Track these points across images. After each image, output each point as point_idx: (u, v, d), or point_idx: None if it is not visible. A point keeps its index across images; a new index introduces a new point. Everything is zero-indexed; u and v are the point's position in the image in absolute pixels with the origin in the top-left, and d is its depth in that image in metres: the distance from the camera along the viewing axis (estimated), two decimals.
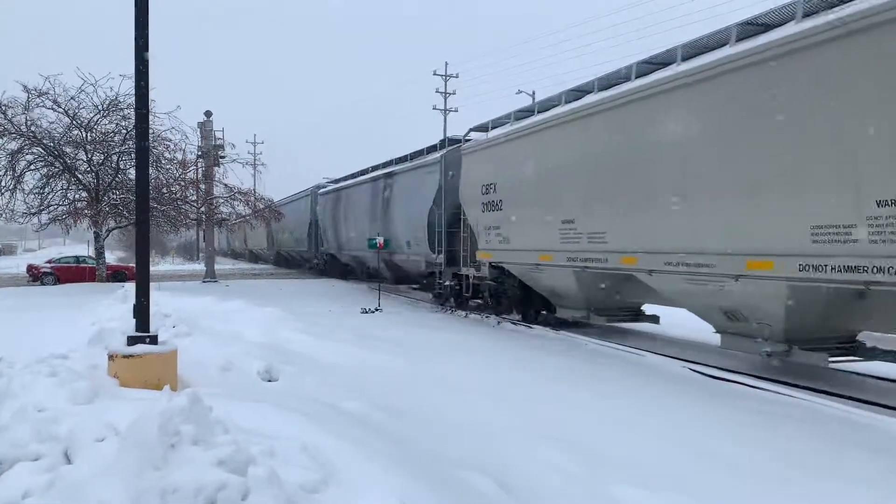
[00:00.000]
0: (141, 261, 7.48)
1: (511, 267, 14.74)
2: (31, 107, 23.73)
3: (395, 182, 21.84)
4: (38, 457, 4.39)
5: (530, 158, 13.46)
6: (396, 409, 7.11)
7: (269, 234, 46.43)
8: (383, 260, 22.75)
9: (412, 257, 20.53)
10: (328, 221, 30.23)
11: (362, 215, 24.87)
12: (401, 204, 21.00)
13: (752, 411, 7.36)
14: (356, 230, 25.71)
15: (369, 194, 24.23)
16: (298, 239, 37.11)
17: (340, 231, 28.28)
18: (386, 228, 22.02)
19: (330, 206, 29.82)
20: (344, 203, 27.67)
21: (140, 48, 7.19)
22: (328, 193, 30.53)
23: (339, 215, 28.29)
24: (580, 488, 5.11)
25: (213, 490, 3.38)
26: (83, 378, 6.16)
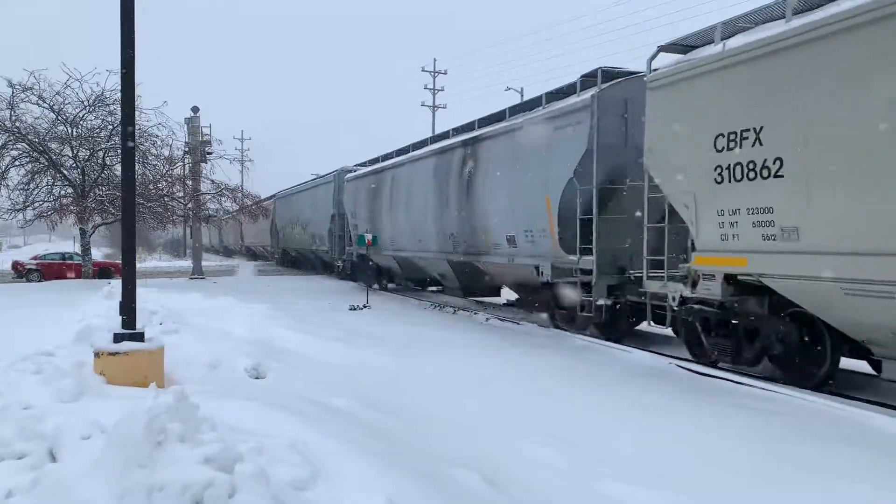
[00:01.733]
0: (127, 257, 7.43)
1: (791, 287, 7.97)
2: (16, 102, 23.51)
3: (487, 150, 14.87)
4: (23, 455, 4.36)
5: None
6: (385, 406, 7.10)
7: (273, 230, 41.15)
8: (458, 262, 16.98)
9: (518, 260, 13.81)
10: (361, 213, 23.70)
11: (421, 202, 18.34)
12: (500, 181, 14.17)
13: (741, 407, 7.41)
14: (409, 223, 19.35)
15: (432, 173, 17.60)
16: (315, 236, 30.78)
17: (381, 225, 21.84)
18: (467, 218, 15.56)
19: (364, 194, 23.29)
20: (388, 188, 20.90)
21: (126, 43, 7.13)
22: (361, 178, 23.99)
23: (378, 205, 21.85)
24: (569, 484, 5.13)
25: (200, 488, 3.37)
26: (69, 376, 6.11)
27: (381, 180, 21.82)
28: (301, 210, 32.89)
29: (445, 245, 16.92)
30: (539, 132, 12.73)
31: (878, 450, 5.96)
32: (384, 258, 22.62)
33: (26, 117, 24.10)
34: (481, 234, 15.06)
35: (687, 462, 5.64)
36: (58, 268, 28.88)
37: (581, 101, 11.65)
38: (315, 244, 31.26)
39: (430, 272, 19.88)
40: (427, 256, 18.64)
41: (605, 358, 10.59)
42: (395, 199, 20.43)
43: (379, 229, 21.81)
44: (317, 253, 31.94)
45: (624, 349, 11.09)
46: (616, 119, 11.41)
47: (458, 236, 16.18)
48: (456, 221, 16.10)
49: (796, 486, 5.15)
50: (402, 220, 19.87)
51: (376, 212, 22.19)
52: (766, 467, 5.52)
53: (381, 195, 21.58)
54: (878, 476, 5.33)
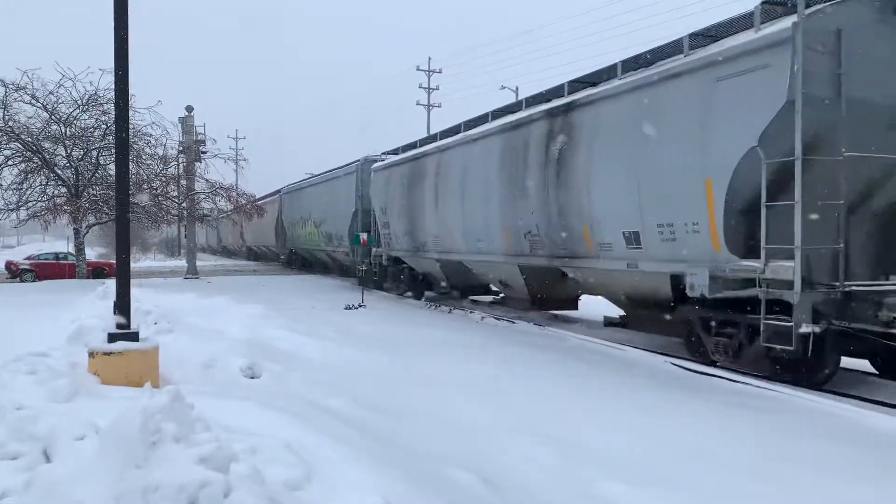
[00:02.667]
0: (121, 257, 7.41)
1: None
2: (9, 101, 23.42)
3: (592, 118, 11.12)
4: (17, 456, 4.34)
5: None
6: (380, 406, 7.10)
7: (279, 228, 37.79)
8: (534, 268, 13.78)
9: (646, 265, 10.14)
10: (393, 209, 20.09)
11: (481, 193, 14.75)
12: (614, 159, 10.55)
13: (738, 406, 7.43)
14: (462, 220, 15.72)
15: (499, 155, 14.04)
16: (332, 235, 26.88)
17: (422, 222, 18.12)
18: (556, 211, 12.02)
19: (398, 186, 19.73)
20: (432, 177, 17.32)
21: (120, 41, 7.11)
22: (393, 167, 20.33)
23: (418, 198, 18.18)
24: (564, 483, 5.14)
25: (195, 488, 3.36)
26: (63, 376, 6.10)
27: (422, 168, 18.01)
28: (314, 206, 29.18)
29: (517, 245, 13.57)
30: (689, 87, 9.17)
31: (874, 448, 5.99)
32: (424, 262, 18.99)
33: (19, 117, 24.07)
34: (578, 230, 11.43)
35: (682, 461, 5.66)
36: (52, 268, 28.72)
37: (771, 35, 8.08)
38: (332, 245, 27.16)
39: (489, 279, 16.62)
40: (488, 260, 15.21)
41: (600, 357, 10.61)
42: (441, 190, 16.70)
43: (418, 228, 18.29)
44: (333, 255, 27.86)
45: (619, 347, 11.11)
46: (826, 59, 7.83)
47: (538, 234, 12.72)
48: (537, 215, 12.54)
49: (793, 484, 5.16)
50: (451, 215, 16.18)
51: (415, 206, 18.36)
52: (762, 466, 5.54)
53: (422, 186, 17.79)
54: (875, 475, 5.36)
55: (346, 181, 25.37)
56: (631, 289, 11.21)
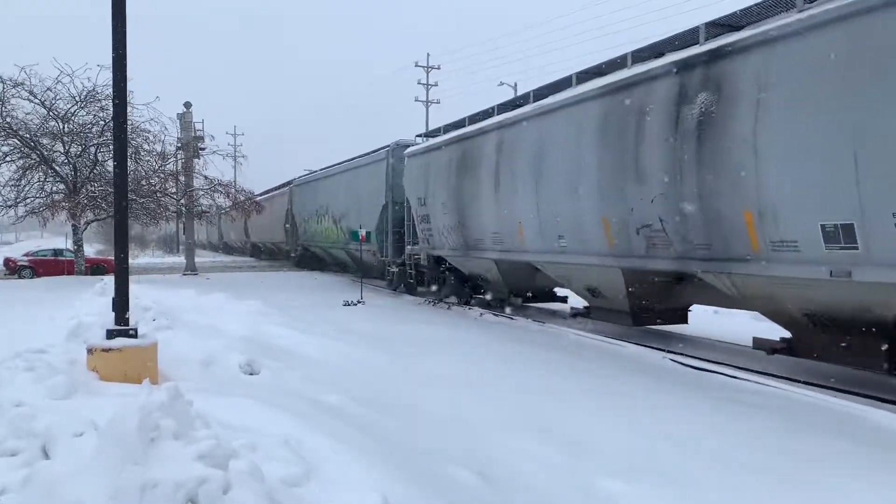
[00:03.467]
0: (120, 254, 7.40)
1: None
2: (7, 98, 23.35)
3: (759, 67, 8.15)
4: (15, 452, 4.34)
5: None
6: (378, 403, 7.11)
7: (289, 224, 35.08)
8: (645, 272, 10.85)
9: (866, 273, 7.05)
10: (436, 199, 16.89)
11: (565, 176, 11.68)
12: (803, 119, 7.57)
13: (733, 401, 7.44)
14: (538, 210, 12.59)
15: (596, 126, 10.85)
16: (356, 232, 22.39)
17: (476, 215, 15.08)
18: (696, 197, 9.00)
19: (442, 172, 16.62)
20: (491, 160, 14.26)
21: (118, 37, 7.09)
22: (435, 151, 17.14)
23: (469, 185, 15.20)
24: (563, 479, 5.14)
25: (194, 485, 3.36)
26: (61, 373, 6.09)
27: (475, 149, 15.02)
28: (333, 199, 26.28)
29: (624, 243, 10.42)
30: None
31: (876, 445, 5.99)
32: (476, 263, 15.97)
33: (17, 113, 23.97)
34: (735, 223, 8.48)
35: (680, 457, 5.66)
36: (50, 264, 28.69)
37: None
38: (356, 242, 23.09)
39: (570, 285, 13.17)
40: (574, 262, 11.98)
41: (599, 353, 10.62)
42: (504, 174, 13.71)
43: (470, 222, 15.36)
44: (356, 254, 24.05)
45: (618, 343, 11.12)
46: None
47: (660, 229, 9.69)
48: (659, 204, 9.57)
49: (793, 480, 5.17)
50: (519, 206, 13.20)
51: (465, 196, 15.38)
52: (759, 461, 5.55)
53: (476, 171, 14.88)
54: (877, 471, 5.37)
55: (374, 170, 22.13)
56: (824, 306, 8.02)
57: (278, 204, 37.05)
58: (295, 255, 35.62)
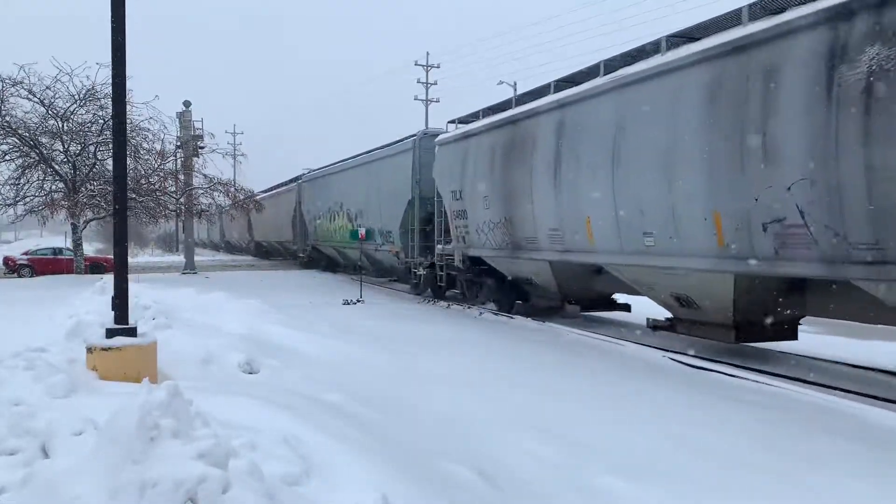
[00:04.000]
0: (119, 252, 7.39)
1: None
2: (6, 96, 23.34)
3: None
4: (15, 451, 4.34)
5: None
6: (378, 402, 7.11)
7: (297, 222, 32.94)
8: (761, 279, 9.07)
9: None
10: (475, 191, 14.91)
11: (661, 158, 9.70)
12: None
13: (735, 401, 7.45)
14: (616, 201, 10.56)
15: (703, 99, 9.03)
16: (376, 230, 21.46)
17: (526, 208, 13.16)
18: (862, 182, 7.04)
19: (483, 161, 14.73)
20: (548, 144, 12.32)
21: (117, 36, 7.09)
22: (472, 137, 15.27)
23: (519, 174, 13.23)
24: (562, 477, 5.15)
25: (194, 483, 3.35)
26: (61, 371, 6.08)
27: (527, 133, 13.03)
28: (348, 195, 24.52)
29: (744, 242, 8.51)
30: None
31: (875, 444, 6.00)
32: (525, 264, 13.90)
33: (16, 111, 23.97)
34: None
35: (678, 455, 5.66)
36: (49, 263, 28.69)
37: None
38: (374, 242, 21.98)
39: (653, 293, 10.93)
40: (662, 265, 9.90)
41: (598, 352, 10.62)
42: (567, 161, 11.68)
43: (519, 217, 13.35)
44: (375, 255, 22.76)
45: (617, 343, 11.12)
46: None
47: (802, 223, 7.77)
48: (800, 191, 7.69)
49: (792, 479, 5.17)
50: (590, 197, 11.03)
51: (513, 187, 13.46)
52: (759, 460, 5.55)
53: (527, 158, 12.89)
54: (875, 470, 5.37)
55: (398, 162, 20.05)
56: None
57: (285, 201, 35.45)
58: (304, 256, 33.48)
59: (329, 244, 27.94)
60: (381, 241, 21.42)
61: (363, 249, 22.67)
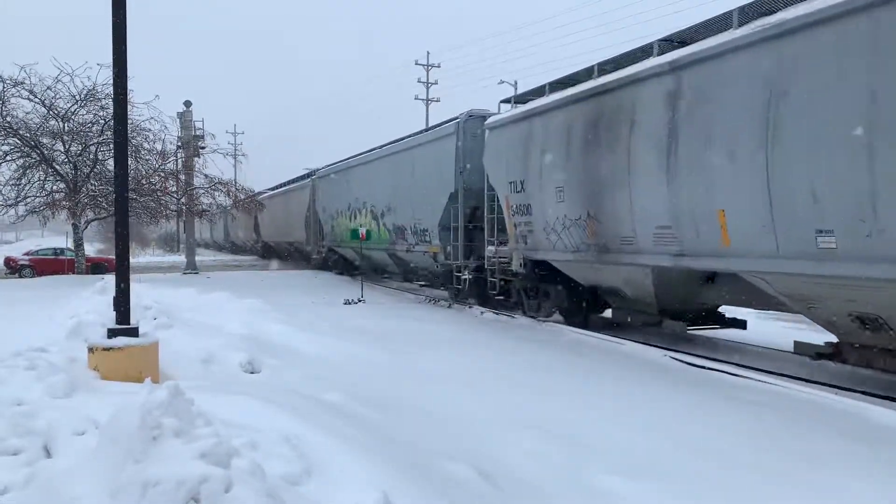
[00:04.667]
0: (120, 252, 7.40)
1: None
2: (7, 97, 23.37)
3: None
4: (17, 451, 4.35)
5: None
6: (379, 401, 7.11)
7: (311, 221, 30.45)
8: None
9: None
10: (543, 182, 12.51)
11: (854, 131, 7.04)
12: None
13: (736, 399, 7.45)
14: (772, 189, 7.99)
15: None
16: (408, 229, 19.13)
17: (620, 202, 10.55)
18: None
19: (554, 145, 12.23)
20: (654, 119, 9.75)
21: (118, 36, 7.10)
22: (538, 116, 12.76)
23: (609, 159, 10.70)
24: (562, 476, 5.15)
25: (196, 483, 3.36)
26: (62, 371, 6.10)
27: (622, 107, 10.41)
28: (372, 190, 22.08)
29: None
30: None
31: (875, 443, 6.00)
32: (611, 270, 11.31)
33: (17, 112, 24.02)
34: None
35: (681, 454, 5.67)
36: (51, 263, 28.72)
37: None
38: (405, 242, 19.42)
39: (819, 307, 8.33)
40: (854, 275, 7.30)
41: (599, 351, 10.62)
42: (686, 139, 9.16)
43: (610, 212, 10.71)
44: (406, 257, 20.12)
45: (617, 342, 11.11)
46: None
47: None
48: None
49: (792, 478, 5.18)
50: (726, 184, 8.66)
51: (602, 176, 10.80)
52: (761, 459, 5.56)
53: (623, 137, 10.27)
54: (876, 469, 5.37)
55: (437, 150, 17.38)
56: None
57: (297, 199, 32.92)
58: (318, 257, 30.65)
59: (349, 245, 24.77)
60: (415, 240, 18.71)
61: (393, 251, 20.73)
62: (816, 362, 8.80)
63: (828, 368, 9.05)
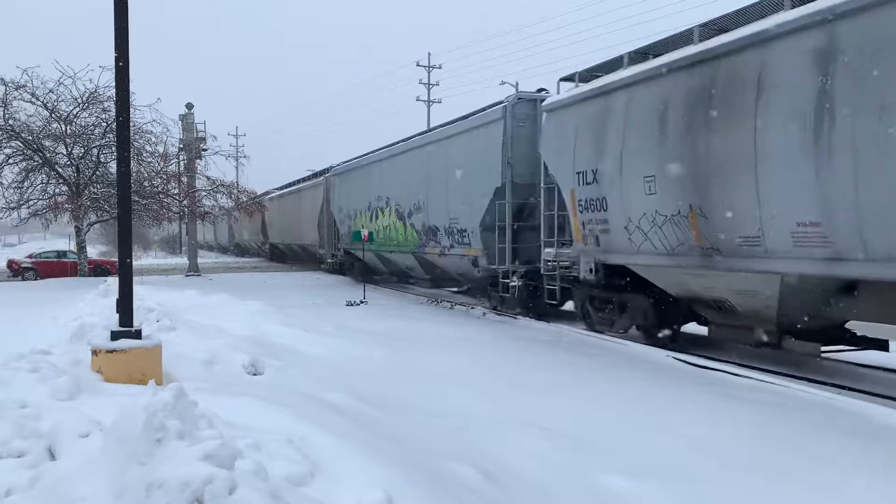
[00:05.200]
0: (123, 255, 7.42)
1: None
2: (9, 100, 23.42)
3: None
4: (22, 453, 4.36)
5: None
6: (382, 402, 7.12)
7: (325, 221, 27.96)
8: None
9: None
10: (630, 171, 10.26)
11: None
12: None
13: (739, 399, 7.44)
14: None
15: None
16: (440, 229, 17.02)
17: (745, 194, 8.33)
18: None
19: (647, 123, 9.89)
20: (796, 90, 7.59)
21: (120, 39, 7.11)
22: (618, 91, 10.55)
23: (726, 143, 8.51)
24: (565, 476, 5.15)
25: (200, 484, 3.37)
26: (65, 373, 6.12)
27: (736, 76, 8.48)
28: (397, 186, 19.78)
29: None
30: None
31: (879, 442, 5.98)
32: (721, 278, 9.16)
33: (20, 115, 24.09)
34: None
35: (684, 454, 5.66)
36: (53, 266, 28.78)
37: None
38: (437, 245, 17.23)
39: None
40: None
41: (602, 351, 10.61)
42: (852, 108, 7.11)
43: (725, 205, 8.67)
44: (436, 262, 17.99)
45: (621, 342, 11.10)
46: None
47: None
48: None
49: (795, 478, 5.17)
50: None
51: (712, 161, 8.82)
52: (764, 459, 5.55)
53: (741, 113, 8.32)
54: (881, 469, 5.35)
55: (479, 138, 15.10)
56: None
57: (309, 199, 30.98)
58: (333, 261, 28.20)
59: (368, 248, 22.00)
60: (450, 242, 16.47)
61: (421, 255, 18.38)
62: None
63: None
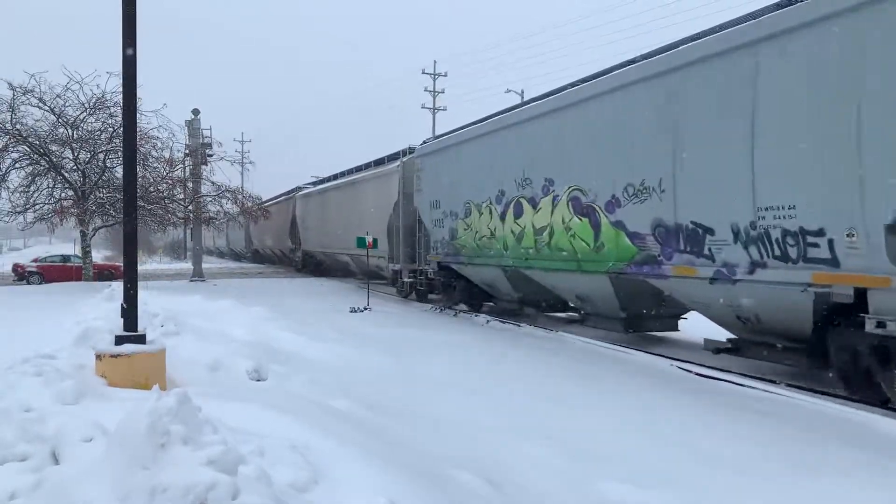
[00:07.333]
0: (128, 259, 7.43)
1: None
2: (17, 105, 23.53)
3: None
4: (25, 457, 4.36)
5: None
6: (385, 408, 7.11)
7: (402, 223, 19.79)
8: None
9: None
10: None
11: None
12: None
13: (742, 409, 7.41)
14: None
15: None
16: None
17: None
18: None
19: None
20: None
21: (127, 45, 7.15)
22: None
23: None
24: (568, 484, 5.14)
25: (203, 490, 3.37)
26: (70, 378, 6.11)
27: None
28: (576, 159, 11.77)
29: None
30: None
31: (883, 453, 5.96)
32: None
33: (27, 120, 24.18)
34: None
35: (685, 463, 5.65)
36: (59, 270, 28.87)
37: None
38: (712, 262, 8.88)
39: None
40: None
41: (606, 360, 10.59)
42: None
43: None
44: (693, 294, 9.62)
45: (625, 351, 11.09)
46: None
47: None
48: None
49: (798, 487, 5.15)
50: None
51: None
52: (765, 468, 5.53)
53: None
54: (883, 479, 5.33)
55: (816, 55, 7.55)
56: None
57: (370, 194, 22.93)
58: (413, 280, 20.14)
59: (489, 262, 15.07)
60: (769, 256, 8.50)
61: (637, 277, 10.52)
62: None
63: None
